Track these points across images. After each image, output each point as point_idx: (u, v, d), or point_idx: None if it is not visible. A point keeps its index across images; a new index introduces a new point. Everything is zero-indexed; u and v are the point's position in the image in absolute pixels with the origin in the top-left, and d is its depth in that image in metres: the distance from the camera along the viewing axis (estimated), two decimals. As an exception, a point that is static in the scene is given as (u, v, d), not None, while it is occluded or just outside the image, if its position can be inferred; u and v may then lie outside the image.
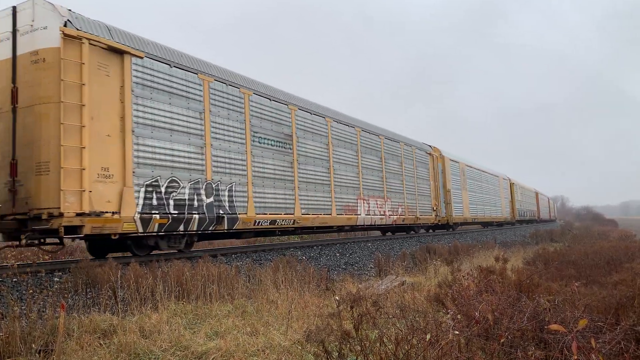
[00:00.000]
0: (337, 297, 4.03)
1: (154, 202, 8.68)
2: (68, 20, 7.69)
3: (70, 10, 7.93)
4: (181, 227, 9.20)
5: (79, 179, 7.49)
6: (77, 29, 7.71)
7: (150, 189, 8.61)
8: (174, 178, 9.10)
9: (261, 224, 11.25)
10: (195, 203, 9.51)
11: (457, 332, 3.41)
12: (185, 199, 9.29)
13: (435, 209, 22.01)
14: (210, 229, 9.89)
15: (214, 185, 9.99)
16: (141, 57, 8.73)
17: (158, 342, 4.82)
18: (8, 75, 7.83)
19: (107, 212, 7.84)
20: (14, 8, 7.96)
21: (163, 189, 8.87)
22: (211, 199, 9.89)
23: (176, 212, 9.09)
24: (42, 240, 7.96)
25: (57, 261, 9.81)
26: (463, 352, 3.34)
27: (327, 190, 14.02)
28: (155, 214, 8.64)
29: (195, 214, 9.44)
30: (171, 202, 9.01)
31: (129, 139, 8.33)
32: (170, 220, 8.92)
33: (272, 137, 12.01)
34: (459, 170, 25.94)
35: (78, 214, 7.38)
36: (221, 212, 10.11)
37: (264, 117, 11.86)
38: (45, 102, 7.53)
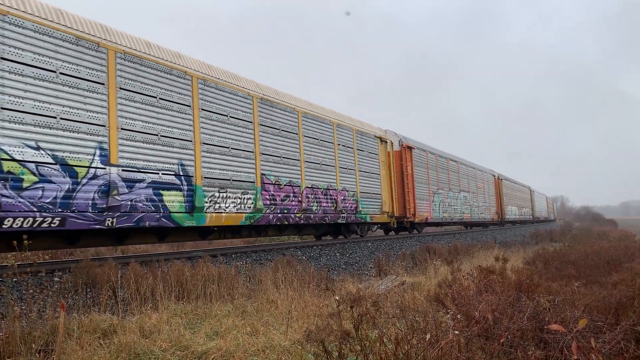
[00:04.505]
0: (337, 297, 4.02)
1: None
2: None
3: None
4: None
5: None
6: None
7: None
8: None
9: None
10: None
11: (457, 332, 3.41)
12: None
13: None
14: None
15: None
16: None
17: (158, 342, 4.81)
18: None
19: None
20: None
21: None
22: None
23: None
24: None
25: (57, 261, 9.82)
26: (463, 352, 3.34)
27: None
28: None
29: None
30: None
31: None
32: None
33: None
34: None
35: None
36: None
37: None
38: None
